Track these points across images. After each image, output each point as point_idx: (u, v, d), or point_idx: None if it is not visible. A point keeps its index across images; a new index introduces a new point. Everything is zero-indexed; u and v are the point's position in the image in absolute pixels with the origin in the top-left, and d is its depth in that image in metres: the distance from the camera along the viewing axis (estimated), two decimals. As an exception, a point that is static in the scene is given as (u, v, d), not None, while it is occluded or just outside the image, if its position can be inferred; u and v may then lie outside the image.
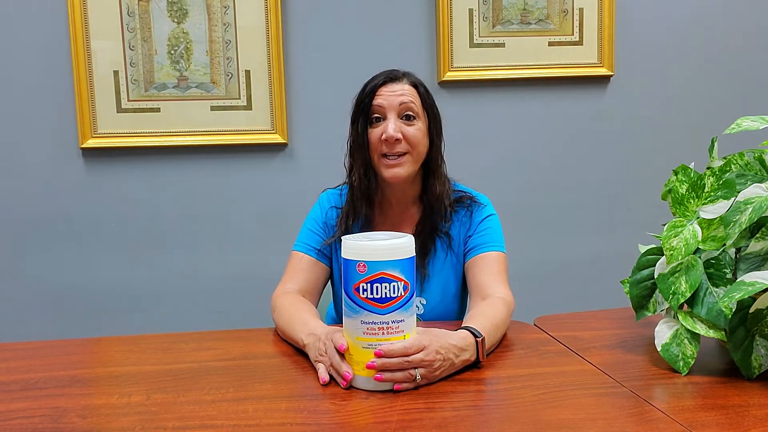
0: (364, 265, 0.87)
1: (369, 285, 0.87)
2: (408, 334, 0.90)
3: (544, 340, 1.11)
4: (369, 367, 0.87)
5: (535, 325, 1.21)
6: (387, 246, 0.88)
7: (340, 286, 1.26)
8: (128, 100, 1.97)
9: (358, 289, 0.87)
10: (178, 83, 1.98)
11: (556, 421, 0.78)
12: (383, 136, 1.17)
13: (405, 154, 1.19)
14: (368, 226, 1.26)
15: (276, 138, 2.00)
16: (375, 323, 0.88)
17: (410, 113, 1.19)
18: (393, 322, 0.88)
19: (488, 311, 1.08)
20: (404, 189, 1.26)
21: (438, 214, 1.25)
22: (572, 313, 1.29)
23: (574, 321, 1.24)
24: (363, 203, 1.24)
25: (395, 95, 1.18)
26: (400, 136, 1.17)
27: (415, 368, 0.88)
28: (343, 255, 0.90)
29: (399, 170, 1.19)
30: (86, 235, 2.01)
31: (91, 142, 1.97)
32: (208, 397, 0.87)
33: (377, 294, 0.87)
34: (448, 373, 0.93)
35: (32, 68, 1.95)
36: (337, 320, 1.38)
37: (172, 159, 2.01)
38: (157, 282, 2.04)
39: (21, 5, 1.93)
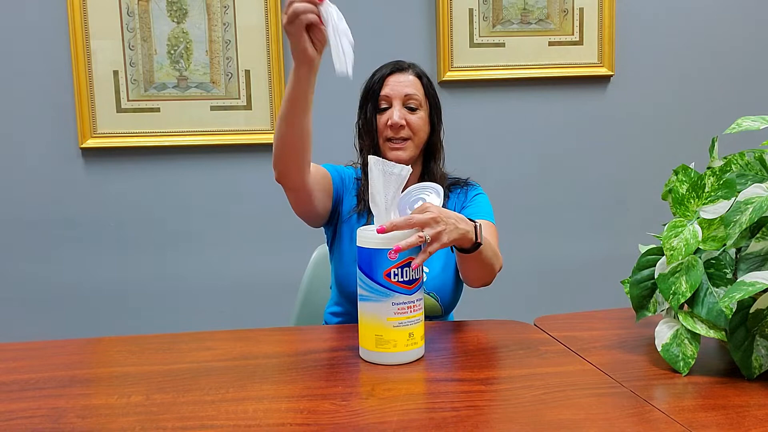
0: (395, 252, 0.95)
1: (399, 270, 0.95)
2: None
3: (544, 340, 1.11)
4: (379, 232, 0.94)
5: (535, 325, 1.20)
6: (414, 233, 0.97)
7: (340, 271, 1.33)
8: (128, 100, 1.97)
9: (389, 275, 0.96)
10: (177, 83, 1.98)
11: (556, 421, 0.78)
12: (389, 122, 1.29)
13: (407, 139, 1.30)
14: None
15: (276, 138, 2.00)
16: (404, 303, 0.97)
17: (414, 103, 1.30)
18: (417, 300, 0.98)
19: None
20: None
21: None
22: (572, 313, 1.29)
23: (574, 321, 1.24)
24: None
25: (401, 86, 1.30)
26: (404, 122, 1.28)
27: (422, 230, 0.96)
28: (368, 245, 0.96)
29: (401, 153, 1.29)
30: (86, 235, 2.01)
31: (91, 142, 1.97)
32: (208, 397, 0.87)
33: (406, 277, 0.96)
34: (453, 236, 1.00)
35: (32, 68, 1.95)
36: (341, 301, 1.37)
37: (172, 159, 2.01)
38: (157, 282, 2.04)
39: (21, 5, 1.93)
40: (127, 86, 1.96)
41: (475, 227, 1.06)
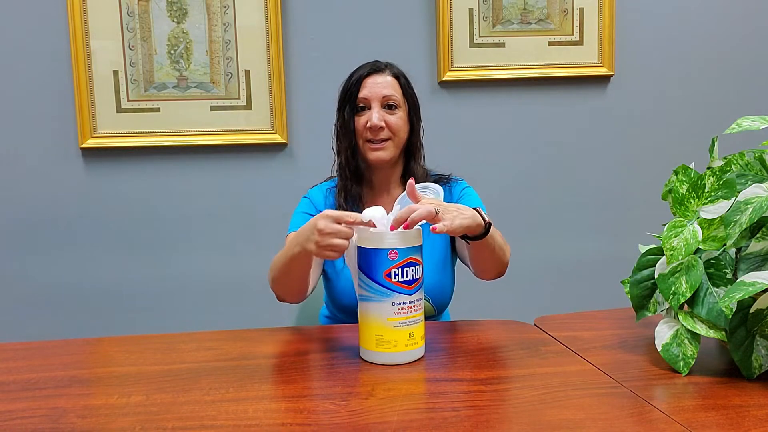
0: (396, 252, 0.96)
1: (400, 270, 0.96)
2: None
3: (544, 340, 1.11)
4: (391, 228, 0.96)
5: (535, 325, 1.20)
6: (414, 233, 0.98)
7: (335, 275, 1.32)
8: (128, 100, 1.97)
9: (389, 275, 0.96)
10: (177, 83, 1.98)
11: (556, 422, 0.78)
12: (368, 124, 1.29)
13: (388, 140, 1.30)
14: (359, 204, 1.34)
15: (276, 138, 2.00)
16: (405, 303, 0.97)
17: (392, 103, 1.30)
18: (418, 300, 0.99)
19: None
20: (387, 172, 1.35)
21: None
22: (572, 313, 1.29)
23: (574, 321, 1.24)
24: (353, 183, 1.34)
25: (379, 87, 1.30)
26: (383, 124, 1.29)
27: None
28: (369, 245, 0.96)
29: (382, 153, 1.30)
30: (86, 235, 2.01)
31: (91, 142, 1.97)
32: (208, 397, 0.87)
33: (407, 277, 0.96)
34: (463, 221, 1.01)
35: (32, 68, 1.95)
36: (335, 313, 1.37)
37: (172, 159, 2.01)
38: (157, 282, 2.04)
39: (21, 5, 1.93)
40: (127, 86, 1.96)
41: (478, 211, 1.08)
